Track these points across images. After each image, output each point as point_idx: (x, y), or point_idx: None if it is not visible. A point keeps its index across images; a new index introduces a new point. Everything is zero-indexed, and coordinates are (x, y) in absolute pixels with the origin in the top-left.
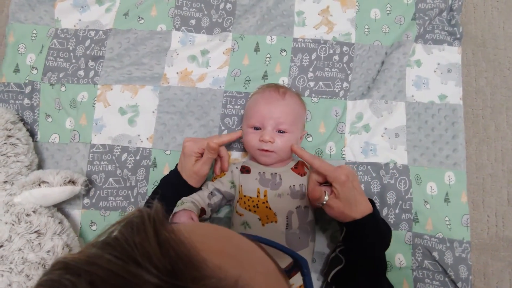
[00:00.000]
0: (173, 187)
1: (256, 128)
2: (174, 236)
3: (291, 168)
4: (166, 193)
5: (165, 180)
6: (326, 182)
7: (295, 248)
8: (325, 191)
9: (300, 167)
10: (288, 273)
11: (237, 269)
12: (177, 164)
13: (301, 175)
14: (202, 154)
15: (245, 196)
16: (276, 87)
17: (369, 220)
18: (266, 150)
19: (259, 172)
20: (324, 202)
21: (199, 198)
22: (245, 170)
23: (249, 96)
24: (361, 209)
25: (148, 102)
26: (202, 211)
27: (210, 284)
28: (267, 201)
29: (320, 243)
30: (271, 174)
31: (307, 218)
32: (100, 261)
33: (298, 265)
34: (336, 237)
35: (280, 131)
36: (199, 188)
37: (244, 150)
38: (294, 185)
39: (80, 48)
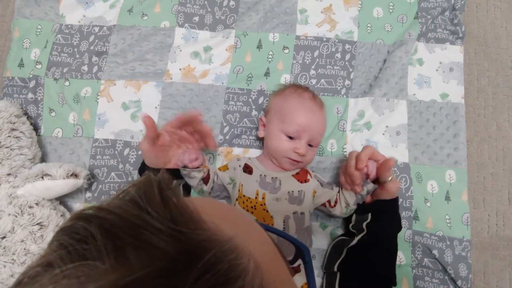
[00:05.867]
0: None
1: (289, 136)
2: (175, 195)
3: (292, 175)
4: None
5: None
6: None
7: None
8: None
9: (302, 174)
10: (291, 264)
11: (233, 230)
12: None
13: (302, 182)
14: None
15: (244, 195)
16: (314, 96)
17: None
18: (295, 160)
19: (260, 175)
20: (390, 178)
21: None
22: (247, 170)
23: (278, 92)
24: None
25: (150, 97)
26: (207, 177)
27: (205, 234)
28: (265, 204)
29: (319, 240)
30: (272, 178)
31: (303, 224)
32: (110, 207)
33: (300, 254)
34: (335, 234)
35: (310, 145)
36: None
37: (246, 146)
38: (292, 191)
39: (84, 43)
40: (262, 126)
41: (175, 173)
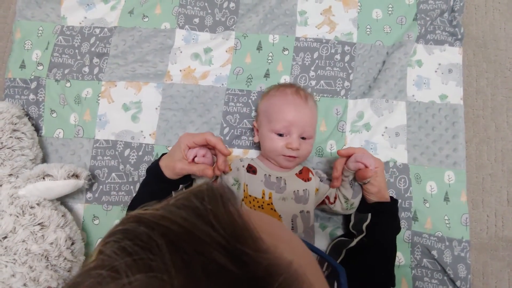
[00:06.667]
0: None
1: (279, 134)
2: (237, 210)
3: (296, 174)
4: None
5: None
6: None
7: None
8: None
9: (305, 172)
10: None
11: (291, 253)
12: (157, 161)
13: (305, 181)
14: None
15: (250, 195)
16: (297, 90)
17: (396, 202)
18: (291, 156)
19: (265, 175)
20: (369, 180)
21: None
22: (251, 170)
23: (263, 94)
24: (387, 194)
25: (151, 98)
26: (214, 180)
27: (268, 258)
28: (272, 203)
29: (319, 240)
30: (276, 177)
31: (309, 222)
32: (175, 217)
33: (336, 275)
34: (335, 234)
35: (303, 137)
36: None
37: (246, 147)
38: (298, 190)
39: (85, 45)
40: (256, 132)
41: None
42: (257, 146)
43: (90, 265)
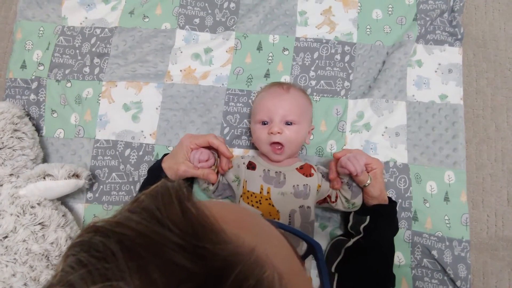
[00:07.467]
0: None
1: (264, 123)
2: (194, 206)
3: (296, 169)
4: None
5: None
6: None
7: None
8: (368, 175)
9: (306, 168)
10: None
11: (254, 239)
12: (159, 161)
13: (306, 176)
14: (193, 150)
15: (248, 191)
16: (280, 83)
17: (395, 204)
18: (277, 144)
19: (264, 170)
20: (368, 182)
21: None
22: (251, 166)
23: (254, 95)
24: (386, 196)
25: (151, 99)
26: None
27: (228, 249)
28: (270, 198)
29: (319, 240)
30: (276, 172)
31: (309, 218)
32: (129, 223)
33: (312, 250)
34: (335, 234)
35: (288, 123)
36: None
37: (246, 147)
38: (298, 185)
39: (86, 45)
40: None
41: None
42: (255, 147)
43: (49, 283)
